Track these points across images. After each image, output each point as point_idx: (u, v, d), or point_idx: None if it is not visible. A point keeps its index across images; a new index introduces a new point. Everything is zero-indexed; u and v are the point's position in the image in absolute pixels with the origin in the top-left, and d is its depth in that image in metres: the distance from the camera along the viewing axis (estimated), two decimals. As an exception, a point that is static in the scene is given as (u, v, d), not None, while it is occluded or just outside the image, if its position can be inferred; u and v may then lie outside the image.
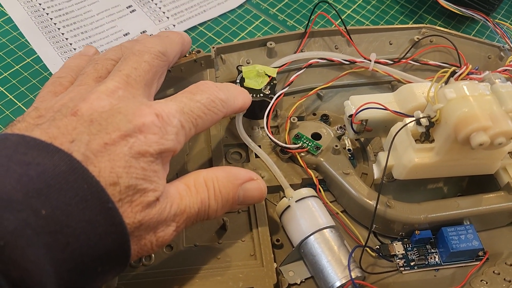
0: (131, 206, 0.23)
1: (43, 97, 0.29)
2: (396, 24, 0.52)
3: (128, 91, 0.27)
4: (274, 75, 0.39)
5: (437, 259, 0.33)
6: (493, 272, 0.32)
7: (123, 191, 0.23)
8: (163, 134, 0.25)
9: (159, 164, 0.25)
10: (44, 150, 0.22)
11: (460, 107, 0.29)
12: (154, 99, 0.30)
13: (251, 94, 0.38)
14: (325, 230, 0.31)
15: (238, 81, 0.38)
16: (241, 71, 0.39)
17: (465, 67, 0.31)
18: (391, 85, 0.43)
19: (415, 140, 0.32)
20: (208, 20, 0.50)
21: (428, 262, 0.33)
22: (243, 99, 0.33)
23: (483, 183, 0.36)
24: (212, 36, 0.49)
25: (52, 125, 0.24)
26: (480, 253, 0.33)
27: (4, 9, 0.48)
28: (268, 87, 0.38)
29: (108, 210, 0.22)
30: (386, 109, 0.34)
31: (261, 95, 0.38)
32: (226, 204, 0.28)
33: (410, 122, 0.31)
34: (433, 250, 0.34)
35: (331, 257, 0.30)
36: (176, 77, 0.40)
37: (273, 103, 0.37)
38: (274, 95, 0.38)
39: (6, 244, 0.19)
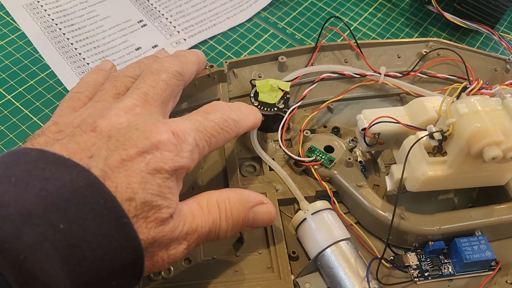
0: (145, 222, 0.24)
1: (61, 111, 0.29)
2: (402, 37, 0.52)
3: (145, 108, 0.27)
4: (287, 89, 0.39)
5: (450, 270, 0.34)
6: (506, 281, 0.33)
7: (138, 207, 0.24)
8: (178, 152, 0.25)
9: (173, 181, 0.26)
10: (62, 165, 0.22)
11: (473, 122, 0.30)
12: (170, 116, 0.31)
13: (265, 108, 0.38)
14: (341, 243, 0.32)
15: (252, 95, 0.39)
16: (255, 85, 0.39)
17: (476, 82, 0.32)
18: (400, 97, 0.44)
19: (428, 153, 0.33)
20: (218, 34, 0.50)
21: (442, 272, 0.34)
22: (254, 118, 0.34)
23: (493, 194, 0.36)
24: (222, 49, 0.50)
25: (71, 141, 0.24)
26: (493, 263, 0.34)
27: (18, 25, 0.49)
28: (282, 101, 0.39)
29: (123, 225, 0.23)
30: (398, 122, 0.35)
31: (275, 109, 0.38)
32: (236, 225, 0.29)
33: (424, 136, 0.32)
34: (446, 261, 0.34)
35: (348, 269, 0.31)
36: (190, 91, 0.41)
37: (287, 117, 0.38)
38: (288, 109, 0.38)
39: (26, 258, 0.19)
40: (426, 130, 0.33)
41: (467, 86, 0.32)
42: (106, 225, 0.22)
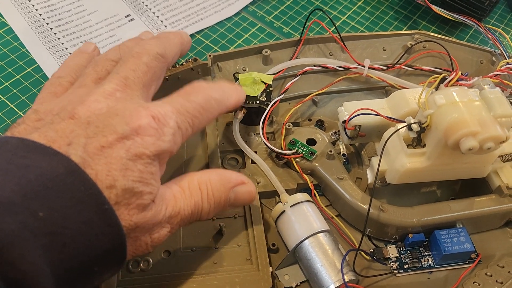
0: (127, 209, 0.24)
1: (42, 98, 0.29)
2: (390, 30, 0.52)
3: (126, 92, 0.27)
4: (270, 82, 0.39)
5: (430, 262, 0.34)
6: (486, 274, 0.33)
7: (119, 194, 0.23)
8: (159, 136, 0.25)
9: (156, 166, 0.26)
10: (42, 153, 0.22)
11: (450, 113, 0.30)
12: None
13: (248, 101, 0.38)
14: (319, 234, 0.32)
15: (234, 88, 0.39)
16: (238, 79, 0.39)
17: (454, 73, 0.32)
18: (385, 90, 0.43)
19: (407, 145, 0.33)
20: (205, 28, 0.50)
21: (422, 265, 0.34)
22: (237, 96, 0.33)
23: (476, 187, 0.36)
24: (209, 43, 0.49)
25: (50, 129, 0.24)
26: (473, 256, 0.34)
27: (5, 19, 0.49)
28: (264, 94, 0.39)
29: (105, 211, 0.22)
30: (378, 114, 0.34)
31: (257, 102, 0.38)
32: (218, 206, 0.29)
33: (402, 127, 0.32)
34: (426, 253, 0.34)
35: (325, 261, 0.31)
36: (173, 85, 0.41)
37: (269, 110, 0.38)
38: (270, 102, 0.38)
39: (4, 247, 0.19)
40: (405, 122, 0.32)
41: (446, 77, 0.32)
42: (87, 212, 0.22)
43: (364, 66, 0.42)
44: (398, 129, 0.32)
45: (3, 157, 0.22)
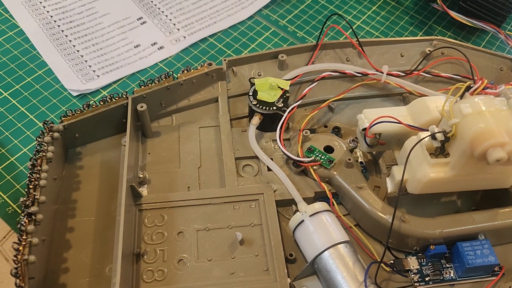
0: None
1: None
2: (406, 35, 0.51)
3: None
4: (287, 88, 0.39)
5: (452, 274, 0.33)
6: (510, 287, 0.32)
7: None
8: None
9: None
10: None
11: (477, 123, 0.29)
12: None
13: (264, 107, 0.38)
14: (339, 246, 0.31)
15: (251, 93, 0.38)
16: (254, 84, 0.39)
17: (480, 81, 0.31)
18: (403, 97, 0.43)
19: (430, 155, 0.32)
20: (219, 32, 0.50)
21: (443, 277, 0.33)
22: None
23: (497, 197, 0.35)
24: (222, 47, 0.49)
25: None
26: (496, 268, 0.33)
27: (16, 21, 0.48)
28: (281, 100, 0.38)
29: None
30: (400, 123, 0.34)
31: (274, 108, 0.38)
32: None
33: (426, 137, 0.31)
34: (448, 265, 0.33)
35: (346, 273, 0.30)
36: (188, 89, 0.40)
37: (286, 117, 0.37)
38: (287, 108, 0.38)
39: None
40: (428, 130, 0.32)
41: (471, 86, 0.31)
42: None
43: (382, 72, 0.41)
44: (422, 139, 0.31)
45: None
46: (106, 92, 0.44)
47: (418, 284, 0.33)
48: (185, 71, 0.40)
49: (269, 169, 0.37)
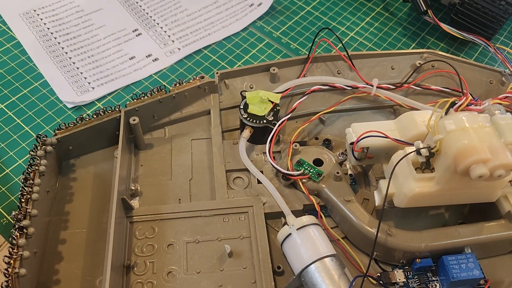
0: None
1: None
2: (399, 47, 0.52)
3: None
4: (277, 101, 0.39)
5: (438, 287, 0.33)
6: (494, 301, 0.32)
7: None
8: None
9: None
10: None
11: (460, 139, 0.29)
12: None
13: (255, 120, 0.38)
14: (326, 259, 0.31)
15: (242, 107, 0.39)
16: (245, 97, 0.39)
17: (464, 98, 0.32)
18: (393, 109, 0.43)
19: (416, 169, 0.32)
20: (213, 43, 0.50)
21: (429, 290, 0.33)
22: None
23: (485, 210, 0.36)
24: (216, 59, 0.49)
25: None
26: (482, 282, 0.33)
27: (14, 33, 0.49)
28: (272, 113, 0.39)
29: None
30: (387, 137, 0.34)
31: (264, 121, 0.38)
32: None
33: (411, 152, 0.32)
34: (434, 278, 0.34)
35: (332, 286, 0.30)
36: (180, 102, 0.41)
37: (275, 130, 0.38)
38: (277, 121, 0.38)
39: None
40: (414, 145, 0.32)
41: (456, 102, 0.32)
42: None
43: (372, 86, 0.41)
44: (407, 154, 0.32)
45: None
46: (101, 104, 0.45)
47: (404, 297, 0.33)
48: (178, 84, 0.40)
49: (259, 182, 0.37)
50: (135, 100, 0.39)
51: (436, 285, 0.33)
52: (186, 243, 0.34)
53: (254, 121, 0.38)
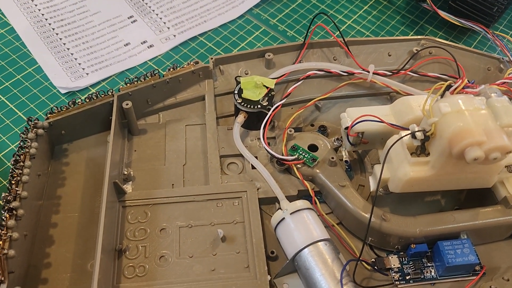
0: None
1: None
2: (397, 35, 0.51)
3: None
4: (272, 86, 0.39)
5: (433, 273, 0.33)
6: (490, 287, 0.32)
7: None
8: None
9: None
10: None
11: (455, 122, 0.29)
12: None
13: (249, 105, 0.38)
14: (319, 243, 0.31)
15: (236, 92, 0.39)
16: (239, 82, 0.39)
17: (460, 80, 0.31)
18: (390, 96, 0.43)
19: (411, 153, 0.32)
20: (209, 30, 0.50)
21: (424, 276, 0.33)
22: None
23: (481, 196, 0.35)
24: (212, 46, 0.49)
25: None
26: (477, 268, 0.33)
27: (7, 19, 0.49)
28: (266, 98, 0.38)
29: None
30: (382, 121, 0.34)
31: (259, 106, 0.38)
32: None
33: (405, 135, 0.31)
34: (429, 264, 0.33)
35: (325, 271, 0.30)
36: (174, 87, 0.40)
37: (270, 115, 0.37)
38: (272, 106, 0.38)
39: None
40: (409, 129, 0.32)
41: (452, 85, 0.31)
42: None
43: (368, 72, 0.41)
44: (402, 137, 0.31)
45: None
46: (95, 90, 0.44)
47: (398, 283, 0.33)
48: (171, 69, 0.40)
49: (253, 167, 0.37)
50: (128, 85, 0.39)
51: (431, 271, 0.33)
52: (179, 228, 0.34)
53: (249, 106, 0.38)
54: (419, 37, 0.44)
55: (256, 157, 0.37)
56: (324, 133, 0.40)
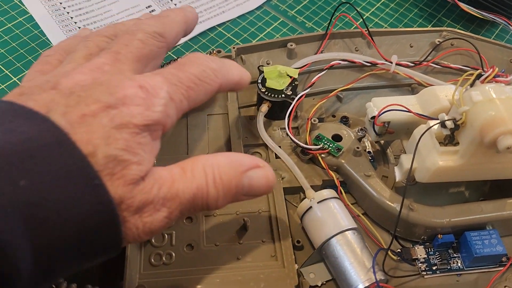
0: (111, 179, 0.21)
1: (29, 76, 0.27)
2: (415, 27, 0.51)
3: (115, 66, 0.25)
4: (296, 76, 0.39)
5: (459, 264, 0.33)
6: (517, 278, 0.32)
7: (101, 162, 0.21)
8: (148, 106, 0.23)
9: (145, 137, 0.23)
10: (30, 118, 0.21)
11: (487, 110, 0.29)
12: None
13: (273, 95, 0.38)
14: (347, 232, 0.31)
15: (259, 81, 0.38)
16: (263, 72, 0.39)
17: (491, 69, 0.31)
18: (411, 87, 0.42)
19: (439, 143, 0.32)
20: (227, 21, 0.50)
21: (451, 266, 0.33)
22: (239, 72, 0.31)
23: (506, 188, 0.35)
24: (230, 37, 0.49)
25: (30, 99, 0.22)
26: (504, 259, 0.33)
27: (26, 7, 0.49)
28: (290, 87, 0.38)
29: (95, 187, 0.21)
30: (409, 111, 0.34)
31: (283, 95, 0.38)
32: (228, 192, 0.25)
33: (435, 124, 0.31)
34: (455, 255, 0.33)
35: (354, 259, 0.30)
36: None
37: (294, 104, 0.37)
38: (296, 96, 0.38)
39: None
40: (437, 119, 0.32)
41: (482, 74, 0.31)
42: (74, 187, 0.20)
43: (391, 62, 0.41)
44: (432, 126, 0.31)
45: None
46: (115, 79, 0.44)
47: (425, 273, 0.32)
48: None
49: (277, 157, 0.37)
50: (151, 73, 0.38)
51: (457, 261, 0.33)
52: (204, 216, 0.34)
53: (273, 95, 0.38)
54: (440, 28, 0.44)
55: (280, 147, 0.37)
56: (346, 123, 0.40)
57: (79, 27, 0.47)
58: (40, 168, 0.20)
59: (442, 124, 0.31)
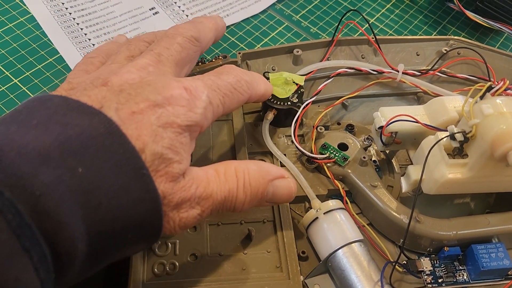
0: (156, 175, 0.23)
1: (75, 73, 0.29)
2: (420, 35, 0.51)
3: (158, 68, 0.27)
4: (302, 83, 0.38)
5: (465, 277, 0.33)
6: (523, 292, 0.31)
7: (149, 159, 0.23)
8: (191, 107, 0.25)
9: (186, 137, 0.25)
10: (84, 112, 0.22)
11: (498, 124, 0.29)
12: None
13: (278, 102, 0.37)
14: (354, 244, 0.31)
15: (265, 88, 0.38)
16: (268, 78, 0.38)
17: (502, 82, 0.31)
18: (417, 96, 0.42)
19: (447, 155, 0.31)
20: (231, 25, 0.49)
21: (457, 279, 0.32)
22: (265, 85, 0.34)
23: (511, 200, 0.35)
24: (234, 40, 0.48)
25: (83, 94, 0.24)
26: (510, 272, 0.33)
27: (27, 7, 0.48)
28: (296, 95, 0.37)
29: (142, 176, 0.22)
30: (418, 122, 0.33)
31: (289, 103, 0.37)
32: (254, 197, 0.28)
33: (445, 137, 0.31)
34: (461, 267, 0.33)
35: (361, 272, 0.30)
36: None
37: (300, 112, 0.37)
38: (302, 103, 0.37)
39: (42, 195, 0.19)
40: (446, 130, 0.31)
41: (492, 86, 0.31)
42: (124, 175, 0.22)
43: (397, 71, 0.40)
44: (442, 138, 0.31)
45: (44, 113, 0.22)
46: (117, 82, 0.43)
47: (431, 286, 0.32)
48: (200, 63, 0.39)
49: (282, 165, 0.36)
50: (156, 78, 0.38)
51: (463, 274, 0.33)
52: (208, 225, 0.33)
53: (278, 102, 0.37)
54: (447, 37, 0.44)
55: (285, 155, 0.37)
56: (351, 132, 0.40)
57: (81, 28, 0.46)
58: (94, 157, 0.21)
59: (452, 137, 0.31)
